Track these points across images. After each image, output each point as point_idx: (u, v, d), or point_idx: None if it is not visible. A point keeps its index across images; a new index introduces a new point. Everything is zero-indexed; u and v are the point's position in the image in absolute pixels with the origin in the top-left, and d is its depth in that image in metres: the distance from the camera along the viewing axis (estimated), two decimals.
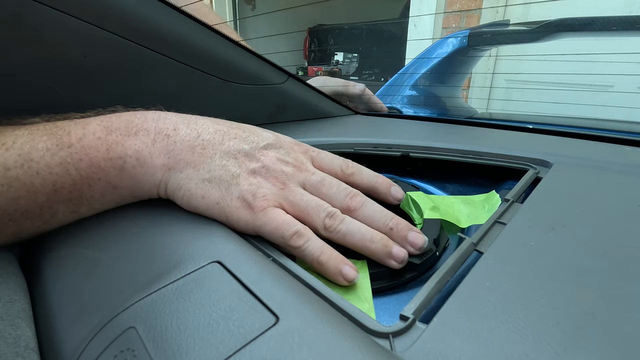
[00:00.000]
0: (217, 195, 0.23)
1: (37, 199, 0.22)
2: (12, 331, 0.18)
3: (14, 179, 0.21)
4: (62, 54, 0.30)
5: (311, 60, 3.05)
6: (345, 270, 0.20)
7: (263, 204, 0.22)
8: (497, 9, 1.63)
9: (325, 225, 0.22)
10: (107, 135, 0.23)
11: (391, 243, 0.22)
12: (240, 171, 0.23)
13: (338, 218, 0.23)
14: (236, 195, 0.22)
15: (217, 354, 0.14)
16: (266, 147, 0.25)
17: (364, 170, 0.28)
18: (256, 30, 3.02)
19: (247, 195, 0.22)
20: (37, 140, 0.22)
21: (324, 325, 0.15)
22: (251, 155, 0.24)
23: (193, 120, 0.26)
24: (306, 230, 0.22)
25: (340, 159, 0.28)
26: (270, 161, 0.24)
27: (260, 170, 0.24)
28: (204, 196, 0.23)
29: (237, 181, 0.23)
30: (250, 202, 0.22)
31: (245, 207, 0.22)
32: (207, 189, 0.23)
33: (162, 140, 0.24)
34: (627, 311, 0.15)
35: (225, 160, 0.24)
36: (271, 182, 0.23)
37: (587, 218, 0.22)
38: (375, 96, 0.63)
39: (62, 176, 0.22)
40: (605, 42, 0.95)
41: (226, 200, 0.22)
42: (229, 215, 0.22)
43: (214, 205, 0.23)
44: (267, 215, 0.22)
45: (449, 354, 0.14)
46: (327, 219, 0.22)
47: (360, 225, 0.23)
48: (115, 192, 0.24)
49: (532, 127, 0.45)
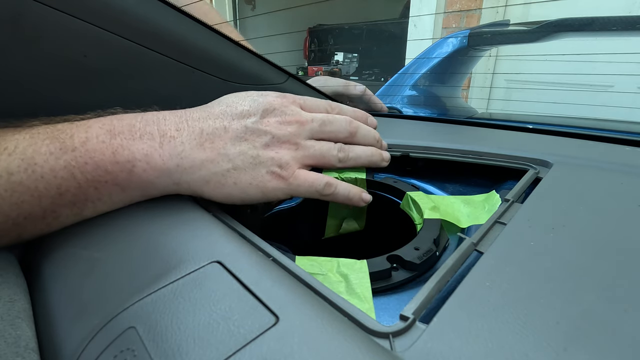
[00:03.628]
0: (248, 177, 0.25)
1: (41, 203, 0.22)
2: (12, 331, 0.18)
3: (17, 183, 0.21)
4: (62, 54, 0.30)
5: (311, 60, 3.05)
6: (364, 196, 0.28)
7: (290, 170, 0.26)
8: (497, 9, 1.63)
9: (339, 158, 0.28)
10: (111, 139, 0.23)
11: (379, 152, 0.30)
12: (257, 151, 0.26)
13: (345, 149, 0.29)
14: (264, 171, 0.25)
15: (217, 354, 0.14)
16: (263, 114, 0.27)
17: (343, 106, 0.32)
18: (256, 30, 3.01)
19: (274, 168, 0.25)
20: (39, 144, 0.22)
21: (324, 325, 0.15)
22: (257, 130, 0.26)
23: (189, 117, 0.26)
24: (332, 179, 0.27)
25: (324, 100, 0.32)
26: (275, 129, 0.26)
27: (272, 141, 0.26)
28: (235, 182, 0.25)
29: (259, 160, 0.25)
30: (279, 172, 0.25)
31: (276, 178, 0.25)
32: (236, 175, 0.25)
33: (169, 143, 0.24)
34: (627, 311, 0.15)
35: (239, 146, 0.25)
36: (285, 147, 0.26)
37: (587, 218, 0.22)
38: (375, 96, 0.63)
39: (67, 179, 0.22)
40: (605, 42, 0.95)
41: (257, 178, 0.25)
42: (264, 190, 0.25)
43: (247, 186, 0.25)
44: (298, 178, 0.26)
45: (449, 354, 0.14)
46: (340, 153, 0.28)
47: (362, 148, 0.30)
48: (124, 194, 0.24)
49: (532, 127, 0.45)
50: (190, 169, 0.24)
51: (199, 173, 0.25)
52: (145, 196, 0.25)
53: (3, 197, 0.21)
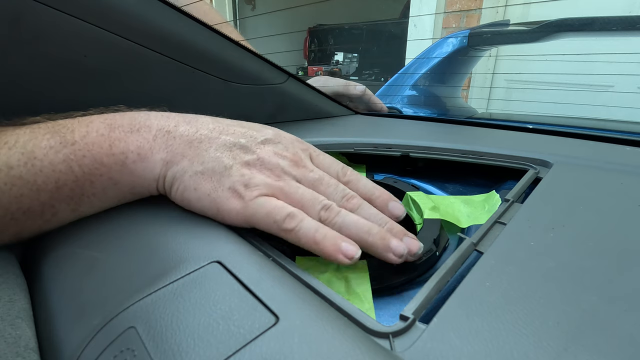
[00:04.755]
0: (209, 187, 0.22)
1: (39, 197, 0.22)
2: (12, 331, 0.18)
3: (17, 177, 0.21)
4: (62, 54, 0.30)
5: (311, 60, 3.05)
6: (344, 247, 0.19)
7: (254, 192, 0.22)
8: (497, 9, 1.63)
9: (320, 217, 0.21)
10: (110, 132, 0.23)
11: (389, 236, 0.21)
12: (233, 163, 0.23)
13: (334, 210, 0.22)
14: (227, 186, 0.22)
15: (217, 354, 0.14)
16: (264, 142, 0.25)
17: (362, 179, 0.26)
18: (256, 30, 3.01)
19: (238, 185, 0.22)
20: (39, 138, 0.22)
21: (324, 325, 0.15)
22: (247, 148, 0.24)
23: (194, 119, 0.26)
24: (299, 212, 0.21)
25: (340, 163, 0.27)
26: (266, 154, 0.24)
27: (255, 162, 0.23)
28: (196, 188, 0.23)
29: (230, 172, 0.22)
30: (241, 192, 0.22)
31: (236, 197, 0.22)
32: (199, 180, 0.23)
33: (163, 136, 0.24)
34: (627, 311, 0.15)
35: (220, 153, 0.23)
36: (265, 174, 0.23)
37: (587, 218, 0.22)
38: (375, 96, 0.63)
39: (65, 173, 0.22)
40: (605, 42, 0.95)
41: (217, 191, 0.22)
42: (220, 207, 0.22)
43: (205, 196, 0.22)
44: (258, 202, 0.21)
45: (449, 354, 0.14)
46: (323, 211, 0.22)
47: (358, 217, 0.22)
48: (116, 188, 0.24)
49: (532, 127, 0.45)
50: (169, 162, 0.24)
51: (174, 168, 0.23)
52: (133, 193, 0.25)
53: (2, 190, 0.21)
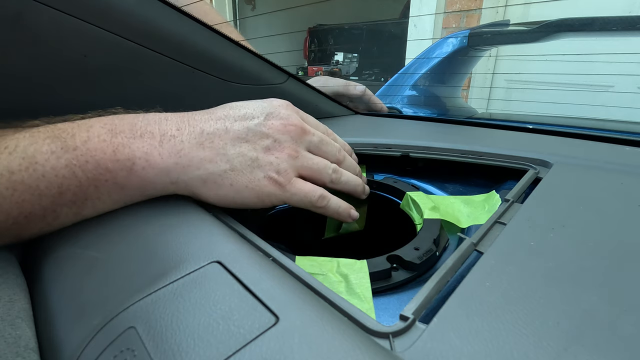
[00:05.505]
0: (245, 180, 0.25)
1: (41, 202, 0.22)
2: (12, 331, 0.18)
3: (18, 182, 0.21)
4: (62, 54, 0.30)
5: (311, 60, 3.05)
6: (352, 212, 0.29)
7: (287, 177, 0.26)
8: (497, 9, 1.63)
9: (332, 178, 0.28)
10: (112, 137, 0.23)
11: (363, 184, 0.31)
12: (257, 153, 0.26)
13: (338, 172, 0.29)
14: (262, 175, 0.25)
15: (217, 354, 0.14)
16: (267, 117, 0.27)
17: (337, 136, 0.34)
18: (256, 30, 3.01)
19: (272, 173, 0.25)
20: (40, 143, 0.22)
21: (324, 325, 0.15)
22: (259, 132, 0.26)
23: (191, 118, 0.26)
24: (325, 192, 0.27)
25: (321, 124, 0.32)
26: (277, 132, 0.27)
27: (274, 145, 0.26)
28: (232, 184, 0.25)
29: (258, 163, 0.25)
30: (276, 178, 0.25)
31: (273, 184, 0.25)
32: (232, 176, 0.25)
33: (169, 142, 0.24)
34: (627, 311, 0.15)
35: (239, 147, 0.25)
36: (285, 154, 0.26)
37: (587, 218, 0.22)
38: (375, 96, 0.63)
39: (68, 178, 0.22)
40: (605, 42, 0.95)
41: (254, 182, 0.25)
42: (260, 194, 0.25)
43: (243, 189, 0.25)
44: (294, 187, 0.26)
45: (449, 354, 0.14)
46: (333, 174, 0.29)
47: (350, 176, 0.30)
48: (123, 193, 0.24)
49: (532, 127, 0.45)
50: (189, 167, 0.24)
51: (197, 172, 0.24)
52: (144, 195, 0.25)
53: (4, 195, 0.21)
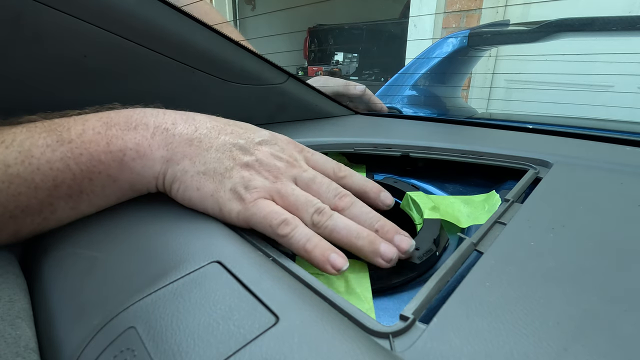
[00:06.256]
0: (212, 187, 0.23)
1: (37, 195, 0.22)
2: (12, 331, 0.18)
3: (14, 175, 0.21)
4: (62, 54, 0.30)
5: (311, 60, 3.05)
6: (332, 258, 0.20)
7: (254, 195, 0.23)
8: (497, 9, 1.63)
9: (313, 220, 0.22)
10: (106, 130, 0.24)
11: (379, 241, 0.21)
12: (234, 164, 0.24)
13: (326, 214, 0.23)
14: (229, 187, 0.23)
15: (217, 354, 0.14)
16: (261, 142, 0.26)
17: (355, 174, 0.28)
18: (256, 30, 3.01)
19: (239, 187, 0.23)
20: (36, 137, 0.22)
21: (324, 325, 0.15)
22: (245, 149, 0.25)
23: (191, 117, 0.26)
24: (294, 219, 0.22)
25: (333, 161, 0.28)
26: (263, 155, 0.25)
27: (254, 163, 0.24)
28: (198, 188, 0.23)
29: (230, 174, 0.23)
30: (241, 194, 0.23)
31: (237, 199, 0.23)
32: (202, 181, 0.23)
33: (161, 134, 0.24)
34: (627, 311, 0.15)
35: (221, 153, 0.24)
36: (263, 175, 0.24)
37: (587, 218, 0.22)
38: (375, 96, 0.63)
39: (62, 171, 0.22)
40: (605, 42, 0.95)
41: (219, 192, 0.23)
42: (222, 207, 0.23)
43: (208, 197, 0.23)
44: (257, 205, 0.22)
45: (449, 353, 0.14)
46: (316, 215, 0.22)
47: (348, 221, 0.22)
48: (115, 186, 0.24)
49: (532, 127, 0.45)
50: (170, 161, 0.24)
51: (176, 167, 0.24)
52: (133, 190, 0.25)
53: (0, 188, 0.21)
